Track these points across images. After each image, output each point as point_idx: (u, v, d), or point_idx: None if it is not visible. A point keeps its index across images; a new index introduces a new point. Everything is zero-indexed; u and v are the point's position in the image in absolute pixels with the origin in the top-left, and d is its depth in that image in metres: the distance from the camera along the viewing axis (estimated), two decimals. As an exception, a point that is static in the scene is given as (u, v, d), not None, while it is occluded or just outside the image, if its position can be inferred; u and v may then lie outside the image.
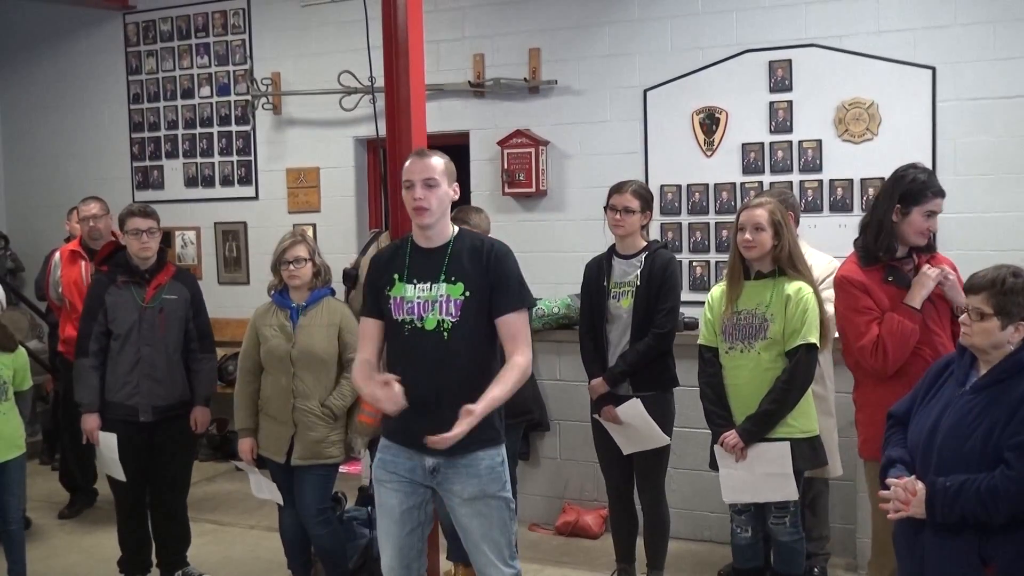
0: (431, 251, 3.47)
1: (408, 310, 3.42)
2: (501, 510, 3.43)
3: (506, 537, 3.44)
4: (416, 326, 3.40)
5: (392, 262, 3.52)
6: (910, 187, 3.82)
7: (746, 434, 3.97)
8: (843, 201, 6.08)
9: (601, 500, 5.39)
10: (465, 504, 3.41)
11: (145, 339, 4.83)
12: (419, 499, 3.48)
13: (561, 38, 6.80)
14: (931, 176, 3.89)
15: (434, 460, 3.39)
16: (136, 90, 8.37)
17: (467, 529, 3.44)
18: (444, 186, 3.45)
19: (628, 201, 4.52)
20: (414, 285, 3.43)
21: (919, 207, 3.79)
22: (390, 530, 3.48)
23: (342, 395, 4.54)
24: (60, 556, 5.64)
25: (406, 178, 3.46)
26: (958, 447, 2.96)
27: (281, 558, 4.92)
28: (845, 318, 3.89)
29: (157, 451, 4.92)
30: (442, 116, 6.93)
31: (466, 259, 3.44)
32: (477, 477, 3.39)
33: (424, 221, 3.43)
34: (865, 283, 3.84)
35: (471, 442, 3.34)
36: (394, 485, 3.47)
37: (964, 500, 2.88)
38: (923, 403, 3.19)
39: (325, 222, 7.61)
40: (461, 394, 3.32)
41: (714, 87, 6.37)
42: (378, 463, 3.53)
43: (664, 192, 6.52)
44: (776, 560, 4.19)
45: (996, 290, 2.97)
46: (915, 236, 3.83)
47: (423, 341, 3.39)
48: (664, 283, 4.48)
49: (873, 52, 5.96)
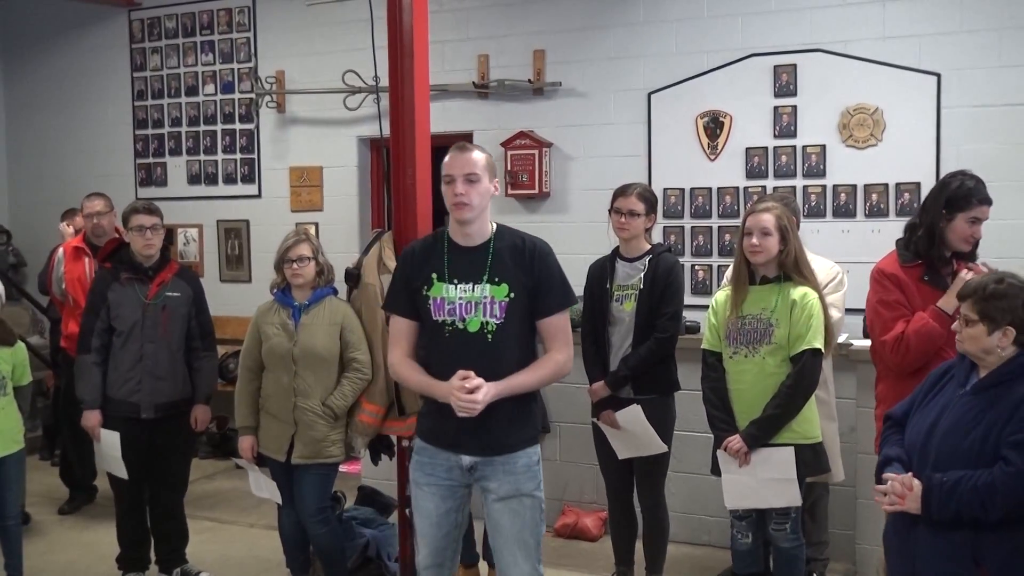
0: (471, 250, 3.41)
1: (450, 311, 3.36)
2: (534, 510, 3.39)
3: (535, 538, 3.41)
4: (458, 327, 3.35)
5: (428, 260, 3.45)
6: (956, 193, 3.84)
7: (750, 439, 3.96)
8: (846, 207, 6.07)
9: (601, 503, 5.39)
10: (499, 501, 3.37)
11: (148, 336, 4.83)
12: (456, 502, 3.45)
13: (566, 40, 6.80)
14: (979, 183, 3.89)
15: (471, 458, 3.37)
16: (140, 87, 8.38)
17: (498, 526, 3.40)
18: (485, 181, 3.39)
19: (633, 204, 4.52)
20: (455, 285, 3.37)
21: (964, 213, 3.82)
22: (427, 532, 3.45)
23: (343, 395, 4.53)
24: (59, 552, 5.64)
25: (446, 172, 3.38)
26: (956, 445, 2.97)
27: (280, 557, 4.92)
28: (875, 311, 3.93)
29: (158, 448, 4.92)
30: (446, 117, 6.92)
31: (508, 259, 3.39)
32: (514, 475, 3.36)
33: (464, 216, 3.36)
34: (901, 279, 3.87)
35: (513, 441, 3.35)
36: (432, 489, 3.43)
37: (960, 495, 2.88)
38: (922, 405, 3.20)
39: (328, 221, 7.61)
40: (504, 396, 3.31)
41: (718, 91, 6.36)
42: (415, 465, 3.50)
43: (667, 196, 6.51)
44: (776, 566, 4.18)
45: (979, 296, 3.03)
46: (959, 242, 3.85)
47: (466, 343, 3.34)
48: (668, 287, 4.47)
49: (878, 58, 5.95)
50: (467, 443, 3.36)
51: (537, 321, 3.39)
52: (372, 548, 5.02)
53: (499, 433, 3.36)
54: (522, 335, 3.40)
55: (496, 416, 3.32)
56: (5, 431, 4.69)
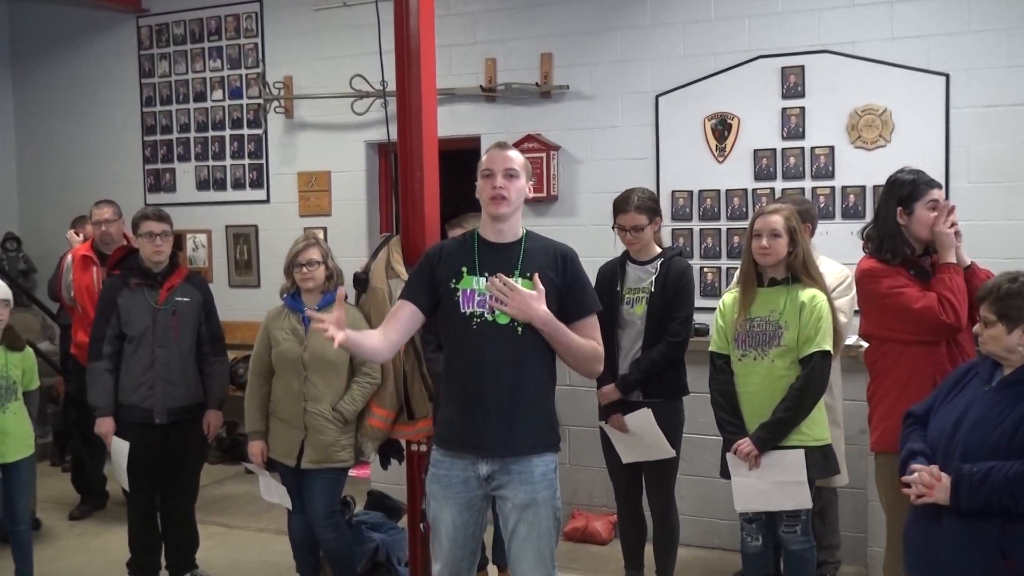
0: (503, 246, 3.41)
1: (479, 303, 3.34)
2: (549, 519, 3.37)
3: (549, 547, 3.39)
4: (487, 319, 3.33)
5: (457, 254, 3.44)
6: (903, 188, 3.84)
7: (760, 442, 3.94)
8: (855, 208, 6.05)
9: (610, 506, 5.38)
10: (516, 510, 3.35)
11: (159, 341, 4.84)
12: (473, 515, 3.42)
13: (573, 43, 6.79)
14: (920, 173, 3.90)
15: (489, 467, 3.35)
16: (149, 93, 8.40)
17: (514, 534, 3.39)
18: (523, 180, 3.41)
19: (635, 220, 4.50)
20: (486, 278, 3.36)
21: (919, 202, 3.81)
22: (443, 545, 3.43)
23: (353, 399, 4.53)
24: (69, 557, 5.65)
25: (486, 167, 3.39)
26: (984, 438, 2.97)
27: (290, 561, 4.92)
28: (890, 297, 3.79)
29: (170, 454, 4.93)
30: (453, 120, 6.93)
31: (539, 257, 3.40)
32: (531, 484, 3.34)
33: (501, 211, 3.36)
34: (892, 269, 3.82)
35: (535, 445, 3.34)
36: (448, 501, 3.41)
37: (991, 485, 2.88)
38: (945, 402, 3.21)
39: (336, 226, 7.62)
40: (531, 390, 3.32)
41: (726, 93, 6.36)
42: (431, 478, 3.47)
43: (675, 198, 6.50)
44: (787, 569, 4.17)
45: (994, 297, 3.05)
46: (927, 231, 3.83)
47: (495, 335, 3.32)
48: (679, 291, 4.46)
49: (887, 59, 5.94)
50: (490, 442, 3.32)
51: (571, 324, 3.37)
52: (382, 552, 5.01)
53: (523, 431, 3.33)
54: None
55: (522, 415, 3.32)
56: (16, 436, 4.71)
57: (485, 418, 3.31)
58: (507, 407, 3.31)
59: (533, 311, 3.27)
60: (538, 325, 3.30)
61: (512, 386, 3.32)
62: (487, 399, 3.31)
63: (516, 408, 3.31)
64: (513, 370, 3.31)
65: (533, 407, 3.36)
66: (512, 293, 3.27)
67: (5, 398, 4.67)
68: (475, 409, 3.32)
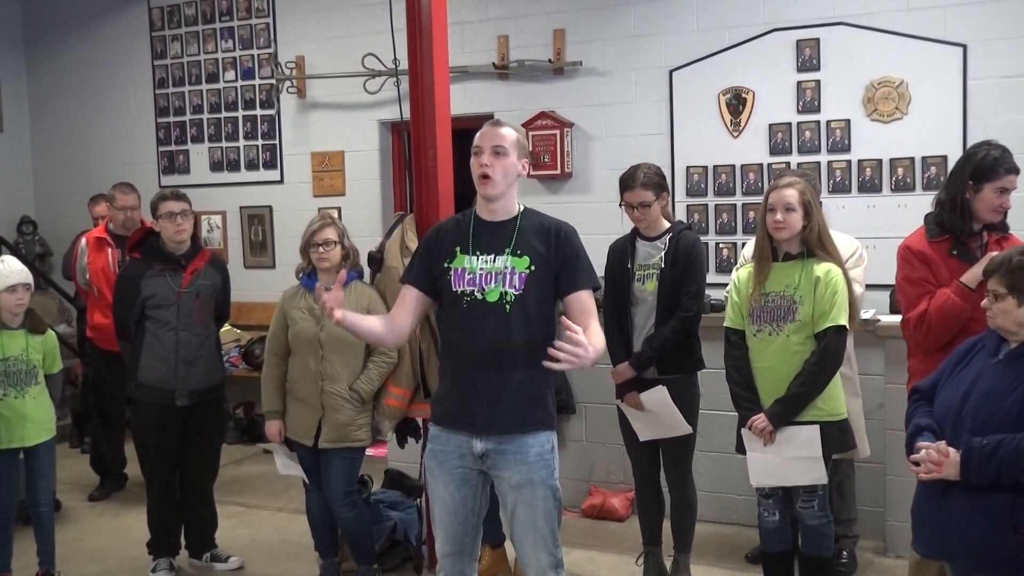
0: (497, 224, 3.39)
1: (469, 281, 3.34)
2: (547, 499, 3.36)
3: (550, 526, 3.38)
4: (476, 298, 3.32)
5: (453, 234, 3.43)
6: (981, 163, 3.81)
7: (775, 417, 3.93)
8: (872, 182, 6.01)
9: (628, 483, 5.38)
10: (512, 491, 3.35)
11: (183, 324, 4.86)
12: (472, 488, 3.41)
13: (586, 18, 6.75)
14: (1005, 152, 3.86)
15: (483, 445, 3.34)
16: (161, 75, 8.40)
17: (513, 514, 3.39)
18: (513, 157, 3.36)
19: (641, 196, 4.46)
20: (478, 256, 3.35)
21: (991, 183, 3.79)
22: (443, 520, 3.43)
23: (369, 379, 4.54)
24: (90, 538, 5.69)
25: (475, 144, 3.37)
26: (993, 410, 2.95)
27: (308, 540, 4.94)
28: (900, 287, 3.94)
29: (189, 434, 4.96)
30: (466, 98, 6.91)
31: (533, 235, 3.37)
32: (525, 464, 3.33)
33: (488, 191, 3.34)
34: (927, 255, 3.83)
35: (524, 423, 3.33)
36: (445, 477, 3.40)
37: (1001, 457, 2.85)
38: (951, 377, 3.19)
39: (350, 206, 7.62)
40: (520, 368, 3.30)
41: (741, 67, 6.31)
42: (429, 454, 3.47)
43: (690, 173, 6.47)
44: (804, 544, 4.16)
45: (1006, 269, 3.03)
46: (988, 213, 3.82)
47: (484, 313, 3.31)
48: (689, 265, 4.43)
49: (903, 30, 5.88)
50: (481, 420, 3.32)
51: (565, 297, 3.36)
52: (400, 531, 5.04)
53: (511, 409, 3.31)
54: (540, 311, 3.36)
55: (510, 393, 3.31)
56: (38, 419, 4.73)
57: (476, 396, 3.31)
58: (495, 385, 3.30)
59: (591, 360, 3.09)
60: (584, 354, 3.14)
61: (500, 365, 3.31)
62: (476, 377, 3.31)
63: (503, 386, 3.30)
64: (501, 349, 3.30)
65: (521, 386, 3.34)
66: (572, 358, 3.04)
67: (25, 382, 4.69)
68: (466, 387, 3.33)
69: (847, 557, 4.82)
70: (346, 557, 4.86)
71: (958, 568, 3.10)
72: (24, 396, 4.69)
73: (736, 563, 5.02)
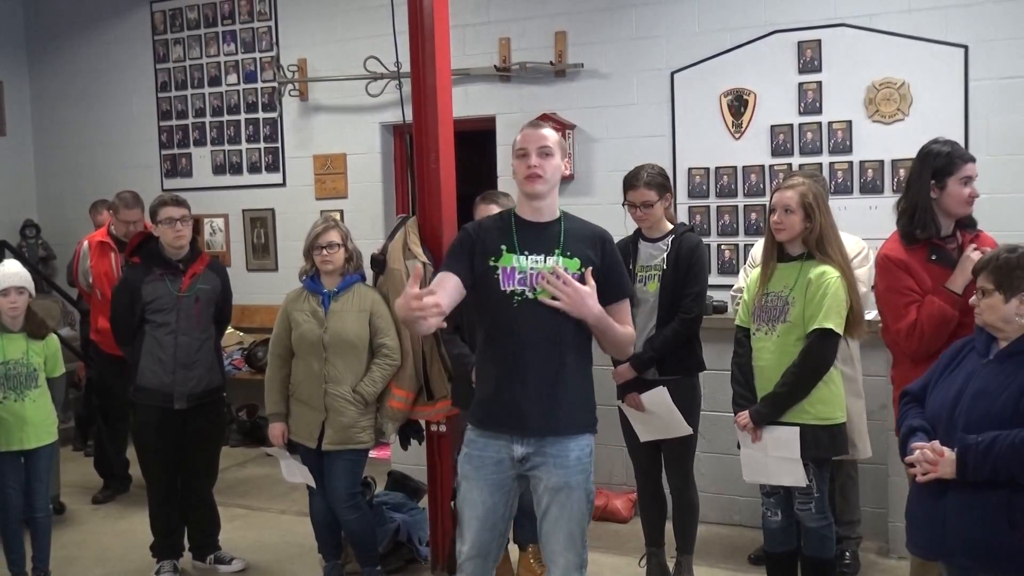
0: (541, 225, 3.37)
1: (520, 280, 3.29)
2: (581, 502, 3.36)
3: (581, 528, 3.38)
4: (528, 297, 3.29)
5: (495, 232, 3.37)
6: (937, 162, 3.80)
7: (756, 415, 3.94)
8: (873, 183, 6.02)
9: (630, 484, 5.39)
10: (548, 492, 3.34)
11: (182, 328, 4.86)
12: (504, 496, 3.39)
13: (587, 21, 6.76)
14: (955, 145, 3.86)
15: (524, 449, 3.32)
16: (164, 78, 8.41)
17: (545, 514, 3.37)
18: (557, 158, 3.36)
19: (645, 196, 4.46)
20: (526, 256, 3.32)
21: (953, 177, 3.78)
22: (471, 524, 3.40)
23: (373, 381, 4.55)
24: (94, 540, 5.70)
25: (520, 146, 3.35)
26: (986, 409, 2.97)
27: (312, 542, 4.95)
28: (884, 298, 3.89)
29: (189, 437, 4.96)
30: (468, 101, 6.92)
31: (579, 239, 3.37)
32: (565, 468, 3.32)
33: (537, 189, 3.32)
34: (907, 262, 3.81)
35: (576, 424, 3.33)
36: (479, 482, 3.37)
37: (997, 453, 2.86)
38: (942, 378, 3.20)
39: (352, 208, 7.63)
40: (572, 369, 3.30)
41: (742, 69, 6.32)
42: (464, 458, 3.43)
43: (692, 175, 6.48)
44: (806, 545, 4.16)
45: (993, 266, 3.08)
46: (959, 206, 3.81)
47: (537, 313, 3.27)
48: (691, 267, 4.44)
49: (904, 31, 5.88)
50: (532, 422, 3.29)
51: (607, 306, 3.34)
52: (403, 533, 5.05)
53: (566, 411, 3.31)
54: None
55: (565, 395, 3.30)
56: (38, 423, 4.73)
57: (527, 398, 3.28)
58: (549, 387, 3.28)
59: (588, 309, 3.24)
60: (591, 322, 3.27)
61: (554, 365, 3.29)
62: (529, 378, 3.28)
63: (558, 387, 3.28)
64: (555, 349, 3.29)
65: (574, 386, 3.34)
66: (568, 289, 3.21)
67: (26, 385, 4.69)
68: (516, 388, 3.29)
69: (850, 558, 4.83)
70: (350, 559, 4.87)
71: (955, 568, 3.10)
72: (24, 399, 4.68)
73: (739, 564, 5.03)
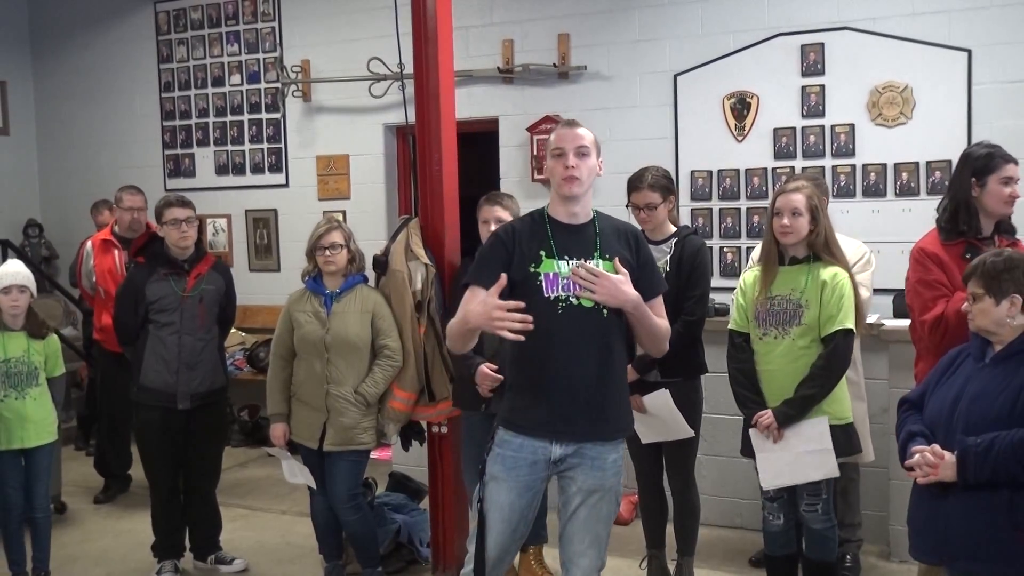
0: (577, 227, 3.34)
1: (564, 287, 3.25)
2: (611, 504, 3.36)
3: (607, 530, 3.38)
4: (572, 303, 3.25)
5: (531, 237, 3.31)
6: (979, 160, 3.89)
7: (783, 416, 3.92)
8: (876, 186, 6.02)
9: (631, 486, 5.37)
10: (581, 493, 3.32)
11: (186, 328, 4.86)
12: (532, 496, 3.36)
13: (590, 23, 6.77)
14: (997, 147, 3.95)
15: (563, 450, 3.29)
16: (167, 78, 8.42)
17: (574, 515, 3.35)
18: (593, 157, 3.33)
19: (648, 197, 4.46)
20: (567, 261, 3.28)
21: (994, 175, 3.86)
22: (496, 527, 3.36)
23: (375, 382, 4.55)
24: (94, 540, 5.70)
25: (556, 146, 3.30)
26: (984, 411, 2.99)
27: (313, 543, 4.96)
28: (914, 290, 3.92)
29: (191, 437, 4.97)
30: (471, 102, 6.92)
31: (613, 238, 3.35)
32: (602, 471, 3.31)
33: (574, 191, 3.28)
34: (941, 257, 3.85)
35: (618, 427, 3.33)
36: (509, 484, 3.33)
37: (997, 454, 2.88)
38: (939, 384, 3.23)
39: (355, 209, 7.63)
40: (617, 374, 3.31)
41: (745, 71, 6.32)
42: (495, 458, 3.36)
43: (695, 177, 6.48)
44: (808, 547, 4.16)
45: (981, 271, 3.14)
46: (999, 205, 3.88)
47: (581, 319, 3.25)
48: (694, 270, 4.43)
49: (907, 35, 5.88)
50: (578, 426, 3.26)
51: (648, 300, 3.32)
52: (404, 534, 5.05)
53: (613, 415, 3.30)
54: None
55: (610, 399, 3.28)
56: (38, 422, 4.73)
57: (573, 403, 3.24)
58: (596, 391, 3.26)
59: (625, 296, 3.21)
60: (629, 310, 3.25)
61: (601, 370, 3.27)
62: (575, 384, 3.24)
63: (605, 392, 3.26)
64: (601, 354, 3.26)
65: (619, 390, 3.34)
66: (600, 280, 3.19)
67: (26, 384, 4.69)
68: (560, 394, 3.25)
69: (851, 561, 4.82)
70: (350, 560, 4.87)
71: (958, 572, 3.10)
72: (24, 397, 4.68)
73: (740, 567, 5.02)
